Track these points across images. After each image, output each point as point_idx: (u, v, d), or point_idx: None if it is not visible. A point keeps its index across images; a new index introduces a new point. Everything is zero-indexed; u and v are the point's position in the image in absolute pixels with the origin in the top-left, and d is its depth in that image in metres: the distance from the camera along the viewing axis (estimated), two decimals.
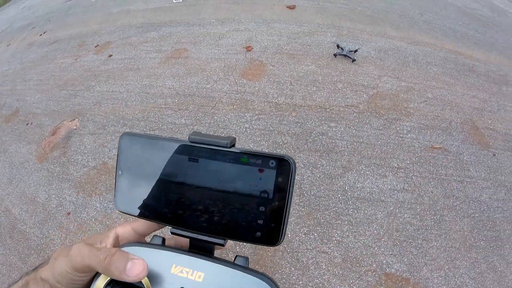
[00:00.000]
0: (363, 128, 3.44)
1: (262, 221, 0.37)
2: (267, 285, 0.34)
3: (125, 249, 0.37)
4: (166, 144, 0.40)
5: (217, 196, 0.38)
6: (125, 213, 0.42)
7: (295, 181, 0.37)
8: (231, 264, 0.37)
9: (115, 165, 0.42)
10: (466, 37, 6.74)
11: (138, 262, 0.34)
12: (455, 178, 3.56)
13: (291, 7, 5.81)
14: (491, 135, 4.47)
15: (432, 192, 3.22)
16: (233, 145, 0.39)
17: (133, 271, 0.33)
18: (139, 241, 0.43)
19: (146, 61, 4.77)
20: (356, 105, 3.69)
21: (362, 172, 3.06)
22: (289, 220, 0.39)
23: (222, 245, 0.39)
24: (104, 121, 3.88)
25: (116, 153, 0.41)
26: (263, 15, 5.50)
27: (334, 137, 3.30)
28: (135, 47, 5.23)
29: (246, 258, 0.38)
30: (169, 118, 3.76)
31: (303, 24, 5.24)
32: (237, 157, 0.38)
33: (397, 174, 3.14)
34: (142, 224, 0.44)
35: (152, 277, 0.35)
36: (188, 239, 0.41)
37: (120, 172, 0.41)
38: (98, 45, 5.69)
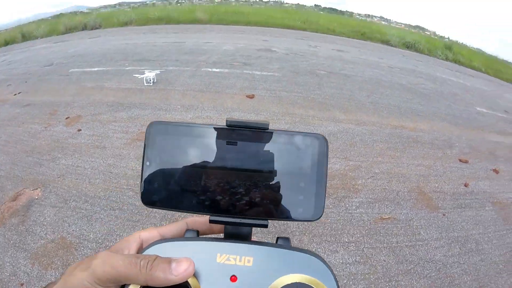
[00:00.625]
0: None
1: (303, 196, 0.40)
2: (317, 259, 0.36)
3: (157, 247, 0.36)
4: (201, 130, 0.40)
5: (258, 177, 0.39)
6: (155, 207, 0.40)
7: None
8: (277, 245, 0.38)
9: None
10: (410, 111, 7.97)
11: (182, 259, 0.33)
12: (406, 243, 4.05)
13: (250, 97, 6.95)
14: (439, 197, 5.14)
15: (384, 261, 3.67)
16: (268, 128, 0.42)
17: (179, 268, 0.32)
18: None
19: (113, 140, 5.12)
20: None
21: (313, 250, 3.53)
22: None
23: (265, 226, 0.40)
24: (66, 195, 3.97)
25: (143, 144, 0.41)
26: (225, 103, 6.55)
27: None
28: (104, 125, 5.58)
29: (288, 239, 0.40)
30: (130, 199, 3.93)
31: (260, 113, 6.25)
32: (275, 137, 0.41)
33: (348, 248, 3.63)
34: (171, 229, 0.42)
35: (198, 272, 0.35)
36: (223, 227, 0.41)
37: (148, 163, 0.40)
38: (69, 117, 5.98)
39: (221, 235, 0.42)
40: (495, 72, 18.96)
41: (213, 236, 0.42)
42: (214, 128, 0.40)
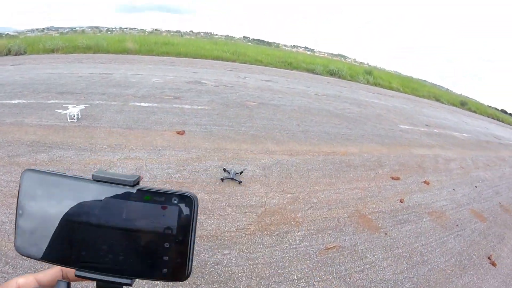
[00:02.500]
0: (256, 248, 4.10)
1: (167, 257, 0.41)
2: None
3: None
4: (70, 182, 0.42)
5: (122, 235, 0.41)
6: (27, 256, 0.42)
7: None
8: None
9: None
10: (340, 136, 8.79)
11: None
12: (355, 269, 4.28)
13: (181, 133, 7.02)
14: (378, 217, 5.61)
15: None
16: (138, 183, 0.43)
17: None
18: None
19: None
20: (246, 227, 4.45)
21: None
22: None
23: (129, 285, 0.41)
24: None
25: (17, 191, 0.41)
26: (154, 141, 6.47)
27: (230, 264, 3.83)
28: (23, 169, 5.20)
29: None
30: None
31: (191, 150, 6.30)
32: (141, 195, 0.42)
33: (299, 285, 3.72)
34: (46, 275, 0.44)
35: None
36: (95, 281, 0.42)
37: (21, 211, 0.42)
38: None
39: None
40: (412, 90, 22.09)
41: None
42: (82, 180, 0.42)
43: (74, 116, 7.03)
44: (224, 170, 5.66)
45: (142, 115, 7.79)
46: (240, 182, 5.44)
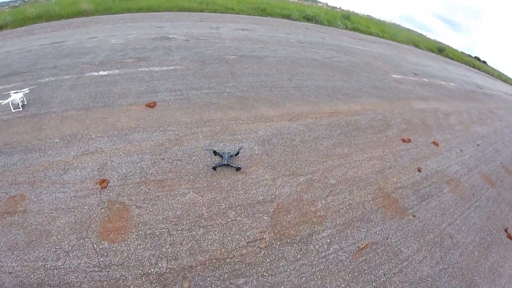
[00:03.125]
0: (278, 267, 3.04)
1: None
2: None
3: None
4: None
5: None
6: None
7: None
8: None
9: None
10: (337, 91, 7.59)
11: None
12: (393, 271, 3.46)
13: (151, 105, 5.43)
14: (402, 194, 4.72)
15: None
16: None
17: None
18: None
19: None
20: (259, 237, 3.32)
21: None
22: None
23: None
24: None
25: None
26: (119, 122, 4.90)
27: None
28: None
29: None
30: None
31: (167, 128, 4.84)
32: None
33: None
34: None
35: None
36: None
37: None
38: None
39: None
40: (391, 36, 21.06)
41: None
42: None
43: (18, 104, 5.10)
44: (215, 153, 4.32)
45: (101, 87, 5.92)
46: (238, 169, 4.17)
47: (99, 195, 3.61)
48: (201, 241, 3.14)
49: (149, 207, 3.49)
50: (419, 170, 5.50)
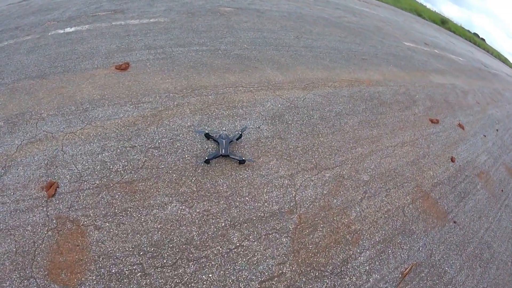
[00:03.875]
0: None
1: None
2: None
3: None
4: None
5: None
6: None
7: None
8: None
9: None
10: (353, 55, 6.37)
11: None
12: None
13: (123, 68, 3.99)
14: (441, 192, 3.82)
15: None
16: None
17: None
18: None
19: None
20: (277, 273, 2.23)
21: None
22: None
23: None
24: None
25: None
26: (78, 93, 3.46)
27: None
28: None
29: None
30: None
31: (142, 99, 3.47)
32: None
33: None
34: None
35: None
36: None
37: None
38: None
39: None
40: (394, 1, 19.42)
41: None
42: None
43: None
44: (208, 136, 3.03)
45: (64, 47, 4.27)
46: (242, 162, 2.91)
47: (45, 208, 2.31)
48: (193, 285, 2.02)
49: (113, 228, 2.25)
50: (452, 160, 4.57)
